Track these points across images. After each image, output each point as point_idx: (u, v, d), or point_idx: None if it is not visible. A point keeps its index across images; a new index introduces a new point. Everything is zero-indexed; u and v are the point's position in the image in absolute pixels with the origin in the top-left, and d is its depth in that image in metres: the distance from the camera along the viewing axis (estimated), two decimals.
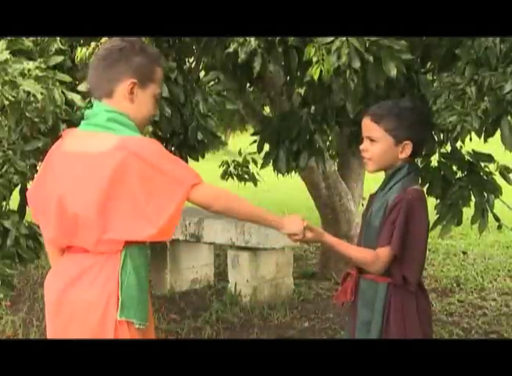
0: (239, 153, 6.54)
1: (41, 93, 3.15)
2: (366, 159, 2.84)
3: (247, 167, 6.39)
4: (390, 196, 2.77)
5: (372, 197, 2.92)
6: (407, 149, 2.79)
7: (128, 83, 2.55)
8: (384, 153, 2.80)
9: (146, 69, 2.57)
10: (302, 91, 4.77)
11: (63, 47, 3.55)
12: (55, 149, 2.64)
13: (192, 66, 4.36)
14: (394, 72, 3.30)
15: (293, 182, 8.56)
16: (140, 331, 2.52)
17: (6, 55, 3.15)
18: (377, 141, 2.79)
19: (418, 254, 2.77)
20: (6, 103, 3.12)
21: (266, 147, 4.48)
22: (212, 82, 4.08)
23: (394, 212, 2.71)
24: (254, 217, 2.68)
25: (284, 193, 12.15)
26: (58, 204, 2.52)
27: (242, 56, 3.42)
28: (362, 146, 2.85)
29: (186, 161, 4.24)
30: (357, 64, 3.23)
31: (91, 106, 2.64)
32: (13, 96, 3.10)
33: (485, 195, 4.01)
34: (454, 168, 4.06)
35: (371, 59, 3.24)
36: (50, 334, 2.63)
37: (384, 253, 2.71)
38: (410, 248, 2.72)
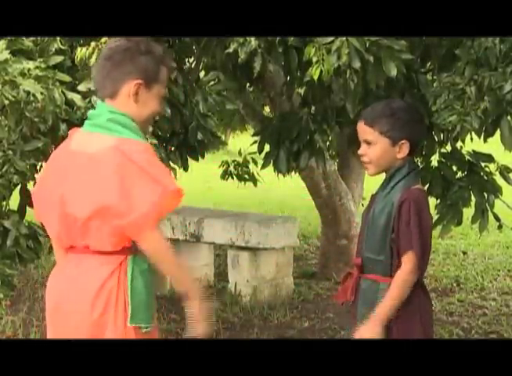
0: (239, 153, 6.54)
1: (41, 93, 3.14)
2: (366, 163, 2.84)
3: (247, 167, 6.38)
4: (393, 196, 2.77)
5: (373, 196, 2.91)
6: (404, 148, 2.80)
7: (134, 84, 2.55)
8: (381, 155, 2.80)
9: (152, 70, 2.57)
10: (302, 91, 4.77)
11: (63, 47, 3.55)
12: (62, 148, 2.65)
13: (192, 66, 4.36)
14: (394, 72, 3.30)
15: (293, 182, 8.56)
16: (146, 334, 2.55)
17: (6, 55, 3.15)
18: (374, 144, 2.80)
19: (424, 253, 2.78)
20: (6, 102, 3.12)
21: (266, 147, 4.48)
22: (212, 82, 4.08)
23: (405, 214, 2.72)
24: (179, 280, 2.57)
25: (284, 193, 12.14)
26: (59, 203, 2.54)
27: (242, 56, 3.42)
28: (360, 151, 2.85)
29: (186, 161, 4.24)
30: (357, 64, 3.23)
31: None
32: (13, 96, 3.10)
33: (485, 195, 4.02)
34: (454, 168, 4.06)
35: (371, 59, 3.24)
36: (49, 335, 2.65)
37: (410, 259, 2.71)
38: None
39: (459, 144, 4.15)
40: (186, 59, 4.33)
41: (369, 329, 2.70)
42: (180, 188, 2.48)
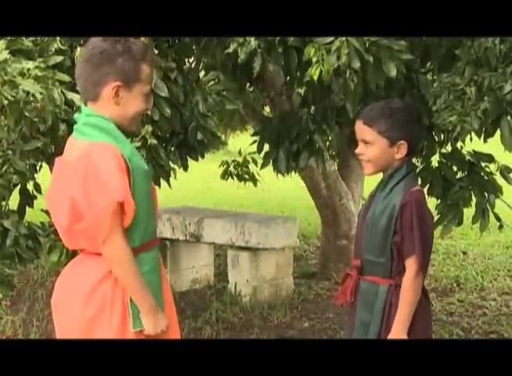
0: (239, 153, 6.53)
1: (41, 93, 3.14)
2: (365, 162, 2.84)
3: (247, 167, 6.38)
4: (394, 197, 2.76)
5: (371, 197, 2.90)
6: (402, 149, 2.79)
7: (113, 86, 2.51)
8: (379, 154, 2.79)
9: (131, 70, 2.51)
10: (302, 91, 4.77)
11: (62, 47, 3.54)
12: (60, 157, 2.68)
13: (192, 66, 4.36)
14: (394, 72, 3.30)
15: (293, 182, 8.55)
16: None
17: (6, 55, 3.14)
18: (372, 144, 2.79)
19: (426, 254, 2.78)
20: (6, 102, 3.12)
21: (266, 147, 4.48)
22: (212, 82, 4.08)
23: (407, 218, 2.72)
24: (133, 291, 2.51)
25: (284, 193, 12.14)
26: (53, 215, 2.60)
27: (242, 56, 3.42)
28: (357, 150, 2.84)
29: (186, 161, 4.24)
30: (357, 64, 3.23)
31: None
32: (13, 96, 3.10)
33: (486, 195, 4.02)
34: (454, 168, 4.06)
35: (371, 59, 3.24)
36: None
37: (413, 262, 2.72)
38: None
39: (459, 144, 4.15)
40: (186, 59, 4.33)
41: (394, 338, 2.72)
42: (127, 200, 2.41)
